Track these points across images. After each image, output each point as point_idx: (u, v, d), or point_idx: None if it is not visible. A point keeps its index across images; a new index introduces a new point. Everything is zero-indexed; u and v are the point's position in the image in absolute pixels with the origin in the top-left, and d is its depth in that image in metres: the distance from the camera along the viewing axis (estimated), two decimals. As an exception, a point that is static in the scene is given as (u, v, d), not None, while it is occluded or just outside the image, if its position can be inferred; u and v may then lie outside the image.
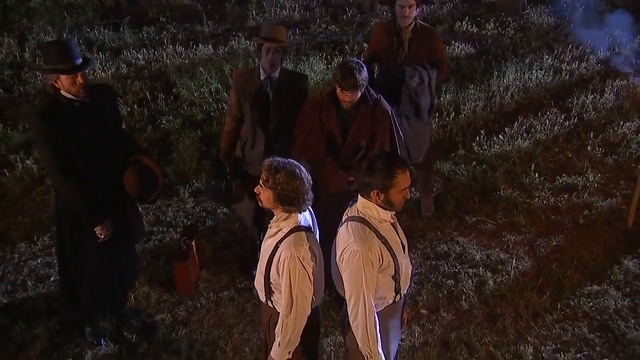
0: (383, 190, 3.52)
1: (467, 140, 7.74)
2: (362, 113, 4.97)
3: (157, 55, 9.42)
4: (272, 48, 5.04)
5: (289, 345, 3.64)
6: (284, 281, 3.51)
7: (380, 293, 3.66)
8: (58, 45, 4.39)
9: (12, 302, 5.60)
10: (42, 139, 4.39)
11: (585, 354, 5.16)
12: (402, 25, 5.81)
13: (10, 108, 8.19)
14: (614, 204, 6.74)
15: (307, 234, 3.57)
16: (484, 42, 10.07)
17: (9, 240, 6.28)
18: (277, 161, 3.51)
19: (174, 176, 7.15)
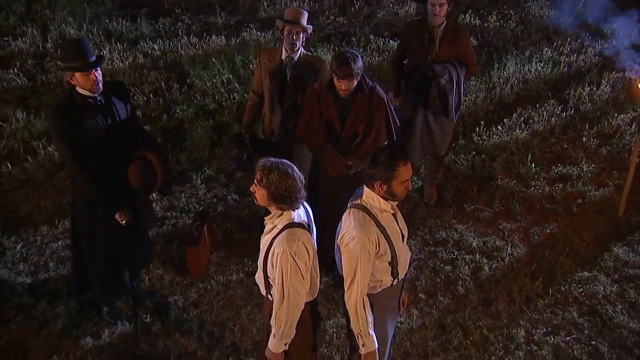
0: (386, 181, 3.59)
1: (467, 130, 7.73)
2: (359, 101, 5.04)
3: (172, 46, 9.37)
4: (293, 30, 5.23)
5: (284, 336, 3.70)
6: (277, 275, 3.57)
7: (378, 276, 3.75)
8: (73, 44, 4.45)
9: (35, 283, 5.68)
10: (58, 134, 4.49)
11: (574, 337, 5.23)
12: (434, 23, 5.78)
13: (33, 97, 8.19)
14: (606, 194, 6.77)
15: (300, 230, 3.61)
16: (486, 35, 9.97)
17: (32, 223, 6.33)
18: (270, 161, 3.56)
19: (187, 163, 7.16)
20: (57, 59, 8.85)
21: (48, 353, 5.00)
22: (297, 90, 5.38)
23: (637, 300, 5.56)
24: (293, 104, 5.43)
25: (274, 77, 5.41)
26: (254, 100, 5.63)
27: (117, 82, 5.02)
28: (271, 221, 3.68)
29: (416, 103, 6.00)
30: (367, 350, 3.74)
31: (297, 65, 5.38)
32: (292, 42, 5.28)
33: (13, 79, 8.47)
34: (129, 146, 4.64)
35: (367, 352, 3.75)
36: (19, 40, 9.35)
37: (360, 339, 3.72)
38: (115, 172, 4.54)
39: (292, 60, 5.37)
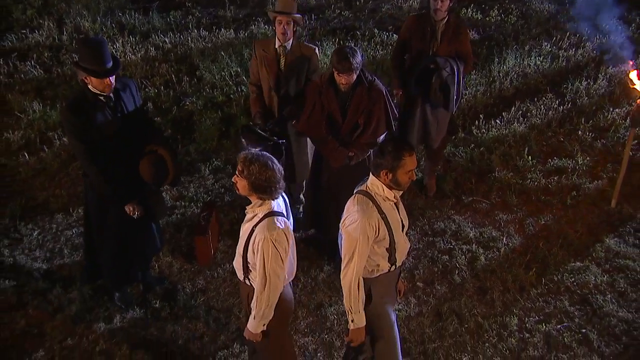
0: (391, 170, 3.69)
1: (467, 123, 7.75)
2: (359, 94, 5.12)
3: (182, 39, 9.38)
4: (283, 20, 5.34)
5: (264, 317, 3.82)
6: (258, 261, 3.68)
7: (375, 261, 3.86)
8: (93, 48, 4.44)
9: (50, 268, 5.76)
10: (70, 130, 4.58)
11: (565, 325, 5.28)
12: (436, 18, 5.81)
13: (49, 88, 8.22)
14: (600, 186, 6.79)
15: (279, 218, 3.71)
16: (487, 29, 9.94)
17: (47, 211, 6.41)
18: (251, 154, 3.67)
19: (195, 154, 7.21)
20: (72, 51, 8.90)
21: (63, 336, 5.07)
22: (291, 77, 5.51)
23: (627, 289, 5.61)
24: (288, 90, 5.55)
25: (270, 67, 5.52)
26: (255, 92, 5.72)
27: (127, 78, 5.09)
28: (252, 210, 3.79)
29: (417, 95, 6.03)
30: (356, 326, 3.88)
31: (290, 54, 5.50)
32: (284, 31, 5.40)
33: (30, 71, 8.51)
34: (138, 140, 4.71)
35: (355, 328, 3.88)
36: (36, 33, 9.36)
37: (351, 314, 3.84)
38: (125, 166, 4.62)
39: (285, 50, 5.49)
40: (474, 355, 5.02)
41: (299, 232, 6.10)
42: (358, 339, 3.93)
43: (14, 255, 5.86)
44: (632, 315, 5.36)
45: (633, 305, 5.46)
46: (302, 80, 5.54)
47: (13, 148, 7.23)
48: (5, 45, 9.10)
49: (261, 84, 5.65)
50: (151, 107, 7.79)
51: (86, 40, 4.54)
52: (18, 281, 5.59)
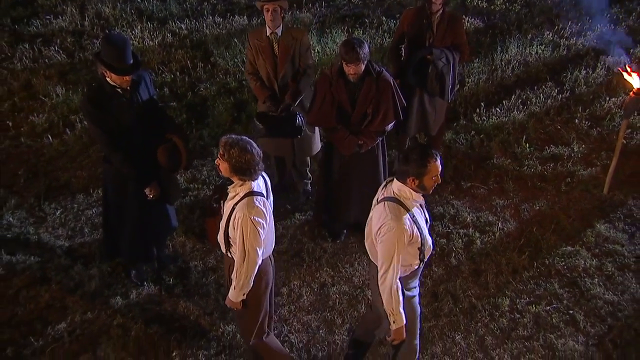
0: (418, 177, 3.72)
1: (468, 111, 7.74)
2: (367, 85, 5.20)
3: (198, 25, 9.38)
4: (270, 8, 5.46)
5: (243, 287, 4.00)
6: (238, 236, 3.83)
7: (408, 261, 3.91)
8: (116, 45, 4.52)
9: (72, 246, 5.91)
10: (91, 120, 4.71)
11: (554, 306, 5.38)
12: (432, 10, 5.87)
13: (71, 73, 8.27)
14: (594, 173, 6.80)
15: (258, 198, 3.85)
16: (492, 17, 9.87)
17: (69, 192, 6.52)
18: (232, 138, 3.79)
19: (208, 138, 7.25)
20: (93, 36, 8.98)
21: (83, 310, 5.23)
22: (286, 61, 5.64)
23: (614, 273, 5.68)
24: (286, 74, 5.69)
25: (265, 54, 5.65)
26: (255, 81, 5.82)
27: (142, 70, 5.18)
28: (234, 190, 3.93)
29: (414, 85, 6.10)
30: (397, 326, 3.93)
31: (282, 39, 5.62)
32: (272, 18, 5.52)
33: (54, 56, 8.57)
34: (153, 128, 4.84)
35: (397, 328, 3.94)
36: (60, 19, 9.40)
37: (392, 316, 3.89)
38: (142, 151, 4.75)
39: (277, 36, 5.63)
40: (466, 334, 5.13)
41: (306, 214, 6.25)
42: (400, 337, 4.00)
43: (38, 233, 6.00)
44: (618, 297, 5.46)
45: (619, 288, 5.54)
46: (297, 62, 5.71)
47: (38, 130, 7.32)
48: (31, 31, 9.14)
49: (259, 72, 5.76)
50: (167, 92, 7.85)
51: (110, 38, 4.62)
52: (42, 257, 5.74)
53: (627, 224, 6.24)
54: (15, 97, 7.82)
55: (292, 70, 5.73)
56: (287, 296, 5.45)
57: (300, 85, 5.76)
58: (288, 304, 5.38)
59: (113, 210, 5.20)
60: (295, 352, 4.97)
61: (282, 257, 5.77)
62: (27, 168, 6.81)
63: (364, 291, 5.49)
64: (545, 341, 5.08)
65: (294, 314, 5.29)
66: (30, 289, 5.44)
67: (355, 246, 5.92)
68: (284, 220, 6.18)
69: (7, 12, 9.54)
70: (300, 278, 5.60)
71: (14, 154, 6.99)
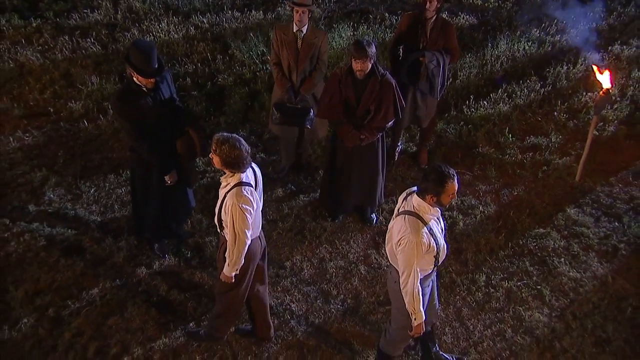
0: (436, 195, 3.74)
1: (459, 103, 7.76)
2: (372, 84, 5.30)
3: (218, 19, 9.36)
4: (299, 10, 5.67)
5: (236, 264, 4.20)
6: (229, 221, 4.03)
7: (424, 267, 3.95)
8: (144, 50, 4.65)
9: (104, 221, 6.00)
10: (120, 114, 4.86)
11: (524, 282, 5.51)
12: (426, 17, 5.93)
13: (105, 63, 8.25)
14: (568, 162, 6.84)
15: (246, 188, 4.04)
16: (485, 14, 9.81)
17: (102, 172, 6.56)
18: (223, 136, 3.96)
19: (224, 125, 7.25)
20: (125, 29, 8.98)
21: (113, 278, 5.40)
22: (307, 56, 5.85)
23: (579, 253, 5.80)
24: (304, 68, 5.91)
25: (289, 47, 5.85)
26: (279, 72, 6.00)
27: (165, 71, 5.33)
28: (225, 180, 4.12)
29: (408, 83, 6.17)
30: (418, 322, 4.03)
31: (306, 37, 5.82)
32: (300, 19, 5.74)
33: (90, 47, 8.56)
34: (173, 122, 4.98)
35: (418, 324, 4.04)
36: (95, 12, 9.36)
37: (414, 314, 4.00)
38: (163, 142, 4.90)
39: (302, 33, 5.83)
40: (446, 305, 5.28)
41: (309, 196, 6.37)
42: (420, 331, 4.11)
43: (75, 209, 6.12)
44: (581, 275, 5.59)
45: (582, 267, 5.67)
46: (315, 58, 5.90)
47: (75, 116, 7.37)
48: (70, 24, 9.12)
49: (281, 62, 5.94)
50: (189, 82, 7.90)
51: (139, 44, 4.75)
52: (78, 230, 5.85)
53: (594, 208, 6.31)
54: (56, 85, 7.85)
55: (310, 66, 5.93)
56: (289, 269, 5.58)
57: (315, 79, 5.96)
58: (290, 276, 5.51)
59: (139, 192, 5.37)
60: (295, 318, 5.13)
61: (286, 234, 5.92)
62: (66, 150, 6.86)
63: (358, 266, 5.64)
64: (515, 313, 5.24)
65: (295, 285, 5.43)
66: (68, 258, 5.57)
67: (351, 226, 6.04)
68: (289, 201, 6.29)
69: (50, 6, 9.51)
70: (301, 253, 5.74)
71: (55, 137, 7.06)
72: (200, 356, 4.81)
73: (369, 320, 5.16)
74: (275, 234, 5.91)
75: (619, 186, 6.59)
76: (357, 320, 5.16)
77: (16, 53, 8.34)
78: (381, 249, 5.79)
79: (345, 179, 5.80)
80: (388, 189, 6.37)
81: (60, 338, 4.90)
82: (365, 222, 6.07)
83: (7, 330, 4.94)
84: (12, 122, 7.25)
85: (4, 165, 6.62)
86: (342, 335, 5.03)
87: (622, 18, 9.62)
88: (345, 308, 5.27)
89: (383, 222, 6.09)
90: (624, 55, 8.62)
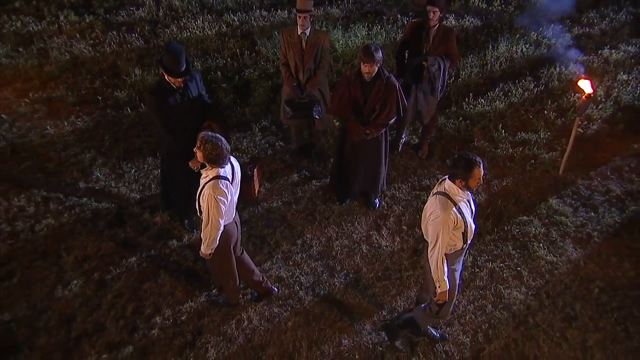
0: (464, 179, 3.89)
1: (460, 99, 7.75)
2: (378, 85, 5.39)
3: (247, 17, 9.41)
4: (301, 16, 5.81)
5: (210, 245, 4.42)
6: (204, 208, 4.24)
7: (453, 242, 4.09)
8: (174, 54, 4.81)
9: (142, 198, 6.19)
10: (152, 108, 5.05)
11: (506, 263, 5.59)
12: (429, 25, 5.98)
13: (147, 56, 8.38)
14: (553, 157, 6.84)
15: (223, 181, 4.22)
16: (489, 17, 9.71)
17: (141, 155, 6.74)
18: (207, 135, 4.16)
19: (249, 115, 7.39)
20: (165, 26, 9.09)
21: (148, 248, 5.61)
22: (311, 55, 5.98)
23: (557, 239, 5.85)
24: (309, 66, 6.04)
25: (295, 48, 5.99)
26: (286, 71, 6.18)
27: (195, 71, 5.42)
28: (205, 172, 4.31)
29: (412, 84, 6.25)
30: (442, 290, 4.17)
31: (309, 38, 5.95)
32: (302, 23, 5.88)
33: (134, 42, 8.70)
34: (199, 117, 5.13)
35: (441, 291, 4.18)
36: (140, 10, 9.49)
37: (438, 282, 4.15)
38: (189, 133, 5.00)
39: (306, 35, 5.98)
40: None
41: (320, 181, 6.48)
42: (443, 298, 4.22)
43: (118, 186, 6.32)
44: (557, 258, 5.66)
45: (558, 252, 5.73)
46: (318, 56, 6.04)
47: (120, 104, 7.54)
48: (118, 20, 9.27)
49: (288, 62, 6.08)
50: (220, 76, 8.01)
51: (170, 48, 4.90)
52: (120, 205, 6.06)
53: (574, 199, 6.34)
54: (104, 75, 8.03)
55: (314, 64, 6.04)
56: (300, 246, 5.73)
57: (319, 76, 6.08)
58: (301, 252, 5.66)
59: (167, 175, 5.57)
60: (303, 289, 5.30)
61: (299, 215, 6.06)
62: (111, 134, 7.03)
63: (360, 245, 5.77)
64: (496, 291, 5.35)
65: (304, 260, 5.58)
66: (111, 229, 5.79)
67: (357, 209, 6.16)
68: (303, 186, 6.42)
69: (101, 4, 9.66)
70: (311, 232, 5.88)
71: (102, 122, 7.24)
72: (220, 318, 5.05)
73: (367, 293, 5.32)
74: (289, 215, 6.06)
75: (597, 180, 6.60)
76: (357, 292, 5.31)
77: (71, 46, 8.54)
78: (382, 231, 5.93)
79: (352, 168, 5.93)
80: (391, 177, 6.51)
81: (103, 298, 5.16)
82: (369, 207, 6.19)
83: (61, 289, 5.22)
84: (66, 109, 7.47)
85: (59, 146, 6.86)
86: (343, 306, 5.19)
87: (614, 24, 9.47)
88: (347, 282, 5.41)
89: (385, 207, 6.21)
90: (612, 58, 8.52)
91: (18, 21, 9.00)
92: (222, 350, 4.81)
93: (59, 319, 4.98)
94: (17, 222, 5.84)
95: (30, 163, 6.58)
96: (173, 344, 4.83)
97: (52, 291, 5.20)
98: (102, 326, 4.94)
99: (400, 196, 6.36)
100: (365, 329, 5.01)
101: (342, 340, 4.90)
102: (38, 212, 5.95)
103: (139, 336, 4.88)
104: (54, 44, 8.56)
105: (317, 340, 4.89)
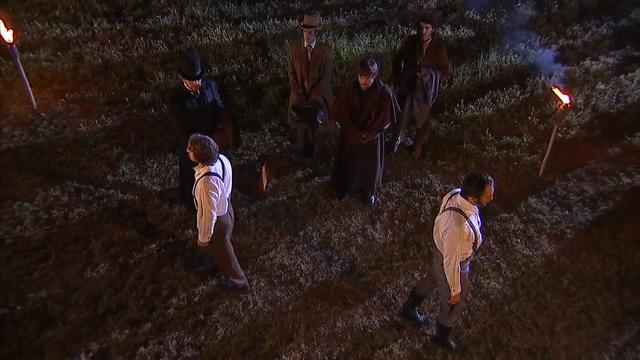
0: (477, 196, 3.94)
1: (452, 105, 7.77)
2: (373, 94, 5.45)
3: (261, 26, 9.42)
4: (307, 30, 5.84)
5: (205, 235, 4.56)
6: (198, 200, 4.36)
7: (465, 251, 4.13)
8: (189, 60, 4.92)
9: (162, 191, 6.26)
10: (171, 111, 5.15)
11: (487, 256, 5.66)
12: (423, 39, 6.03)
13: (170, 61, 8.39)
14: (535, 159, 6.85)
15: (213, 177, 4.33)
16: (482, 28, 9.70)
17: (163, 151, 6.77)
18: (197, 137, 4.29)
19: (260, 116, 7.42)
20: (187, 33, 9.14)
21: (167, 236, 5.71)
22: (315, 66, 6.02)
23: (533, 235, 5.91)
24: (314, 76, 6.05)
25: (301, 59, 6.04)
26: (293, 79, 6.25)
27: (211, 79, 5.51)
28: (198, 169, 4.43)
29: (406, 92, 6.31)
30: (456, 292, 4.26)
31: (314, 51, 5.99)
32: (308, 37, 5.92)
33: (159, 47, 8.76)
34: (213, 121, 5.22)
35: (455, 294, 4.28)
36: (165, 18, 9.54)
37: (453, 286, 4.22)
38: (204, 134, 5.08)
39: (311, 48, 6.02)
40: (422, 272, 5.47)
41: (323, 178, 6.56)
42: (457, 300, 4.32)
43: (141, 180, 6.40)
44: (532, 252, 5.73)
45: (534, 246, 5.79)
46: (322, 67, 6.07)
47: (145, 104, 7.60)
48: (145, 27, 9.33)
49: (295, 71, 6.15)
50: (235, 80, 8.05)
51: (186, 55, 5.03)
52: (143, 197, 6.14)
53: (551, 198, 6.37)
54: (131, 78, 8.11)
55: (318, 74, 6.09)
56: (302, 237, 5.80)
57: (323, 85, 6.14)
58: (302, 242, 5.74)
59: (184, 170, 5.64)
60: (303, 276, 5.40)
61: (302, 208, 6.15)
62: (136, 132, 7.08)
63: (356, 237, 5.84)
64: (476, 281, 5.43)
65: (305, 250, 5.67)
66: (134, 218, 5.89)
67: (354, 205, 6.22)
68: (306, 182, 6.49)
69: (131, 12, 9.73)
70: (312, 225, 5.96)
71: (129, 121, 7.32)
72: (229, 301, 5.20)
73: (361, 281, 5.41)
74: (293, 208, 6.15)
75: (573, 181, 6.62)
76: (351, 280, 5.41)
77: (103, 51, 8.63)
78: (376, 225, 6.02)
79: (350, 167, 6.02)
80: (386, 175, 6.58)
81: (126, 280, 5.30)
82: (366, 202, 6.26)
83: (90, 271, 5.37)
84: (98, 108, 7.57)
85: (90, 142, 6.96)
86: (339, 292, 5.28)
87: (595, 36, 9.42)
88: (343, 270, 5.51)
89: (380, 203, 6.29)
90: (592, 69, 8.50)
91: (57, 28, 9.11)
92: (229, 328, 4.95)
93: (87, 297, 5.14)
94: (52, 210, 5.99)
95: (65, 157, 6.70)
96: (187, 322, 4.98)
97: (82, 272, 5.36)
98: (125, 305, 5.09)
99: (393, 193, 6.43)
100: (358, 312, 5.12)
101: (337, 323, 5.02)
102: (71, 202, 6.10)
103: (156, 314, 5.03)
104: (87, 49, 8.67)
105: (314, 322, 5.01)
